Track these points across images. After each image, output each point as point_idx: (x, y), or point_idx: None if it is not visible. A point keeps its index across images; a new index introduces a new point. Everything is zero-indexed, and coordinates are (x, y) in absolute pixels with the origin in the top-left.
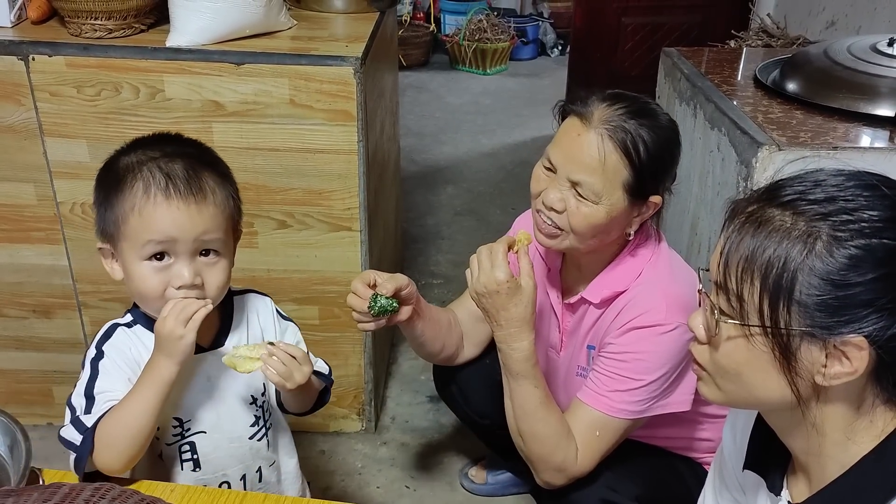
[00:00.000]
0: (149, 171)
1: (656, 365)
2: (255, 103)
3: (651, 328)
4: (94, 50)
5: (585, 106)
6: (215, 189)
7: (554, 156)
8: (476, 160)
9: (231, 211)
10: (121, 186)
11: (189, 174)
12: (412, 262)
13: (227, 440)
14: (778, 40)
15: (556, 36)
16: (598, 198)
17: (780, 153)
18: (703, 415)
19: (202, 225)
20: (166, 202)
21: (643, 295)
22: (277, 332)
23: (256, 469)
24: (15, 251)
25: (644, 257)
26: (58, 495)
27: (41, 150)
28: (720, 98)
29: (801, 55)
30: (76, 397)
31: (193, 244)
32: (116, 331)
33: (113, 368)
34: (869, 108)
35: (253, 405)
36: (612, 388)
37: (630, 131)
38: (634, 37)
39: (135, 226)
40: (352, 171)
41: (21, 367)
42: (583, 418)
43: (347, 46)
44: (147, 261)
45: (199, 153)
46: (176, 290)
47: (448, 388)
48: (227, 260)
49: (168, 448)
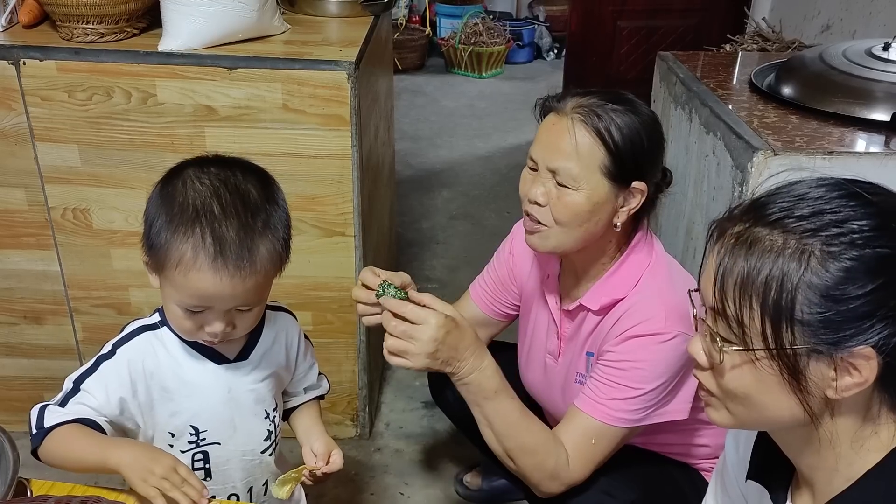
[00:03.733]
0: (201, 231)
1: (655, 374)
2: (248, 108)
3: (650, 336)
4: (85, 54)
5: (561, 100)
6: (265, 256)
7: (534, 151)
8: (471, 164)
9: (279, 265)
10: (171, 228)
11: (241, 243)
12: (407, 267)
13: (241, 452)
14: (773, 44)
15: (551, 39)
16: (576, 183)
17: (776, 158)
18: (701, 422)
19: (243, 296)
20: (212, 273)
21: (642, 303)
22: (300, 353)
23: (263, 482)
24: (5, 257)
25: (642, 263)
26: None
27: (32, 154)
28: (715, 102)
29: (796, 59)
30: (68, 380)
31: (231, 306)
32: (139, 336)
33: (111, 376)
34: (864, 113)
35: (267, 419)
36: (609, 396)
37: (602, 115)
38: (630, 40)
39: (177, 280)
40: (345, 177)
41: (11, 373)
42: (579, 426)
43: (341, 51)
44: (182, 308)
45: (257, 207)
46: (208, 335)
47: (444, 393)
48: (263, 304)
49: (182, 455)
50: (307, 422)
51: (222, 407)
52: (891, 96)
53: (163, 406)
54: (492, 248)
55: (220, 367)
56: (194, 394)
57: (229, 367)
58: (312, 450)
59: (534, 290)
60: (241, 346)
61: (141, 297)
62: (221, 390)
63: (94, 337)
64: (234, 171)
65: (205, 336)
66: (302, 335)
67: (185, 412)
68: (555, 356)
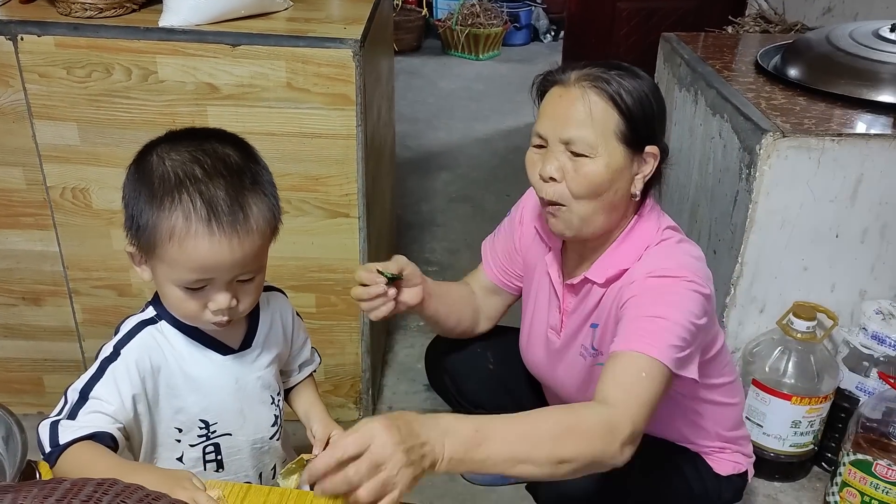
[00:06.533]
0: (189, 197)
1: (681, 308)
2: (252, 86)
3: (669, 277)
4: (84, 30)
5: (561, 73)
6: (259, 214)
7: (541, 127)
8: (470, 146)
9: (273, 225)
10: (156, 203)
11: (232, 201)
12: (407, 250)
13: (251, 441)
14: (776, 26)
15: (548, 21)
16: (593, 150)
17: (785, 140)
18: (704, 400)
19: (244, 258)
20: (208, 237)
21: (654, 255)
22: (295, 330)
23: (272, 467)
24: (3, 237)
25: (649, 232)
26: (59, 491)
27: (30, 132)
28: (722, 84)
29: (802, 41)
30: (72, 391)
31: (233, 275)
32: (140, 333)
33: (121, 377)
34: (872, 95)
35: (273, 405)
36: (646, 328)
37: (611, 81)
38: (630, 22)
39: (173, 255)
40: (350, 157)
41: (10, 355)
42: (621, 365)
43: (346, 28)
44: (182, 287)
45: (241, 166)
46: (212, 314)
47: (440, 379)
48: (262, 273)
49: (191, 449)
50: (306, 403)
51: (231, 398)
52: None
53: (167, 402)
54: (491, 230)
55: (227, 359)
56: (201, 389)
57: (235, 358)
58: (312, 433)
59: (535, 263)
60: (244, 335)
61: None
62: (229, 382)
63: (94, 318)
64: (207, 139)
65: (210, 317)
66: (294, 311)
67: (192, 407)
68: (556, 330)
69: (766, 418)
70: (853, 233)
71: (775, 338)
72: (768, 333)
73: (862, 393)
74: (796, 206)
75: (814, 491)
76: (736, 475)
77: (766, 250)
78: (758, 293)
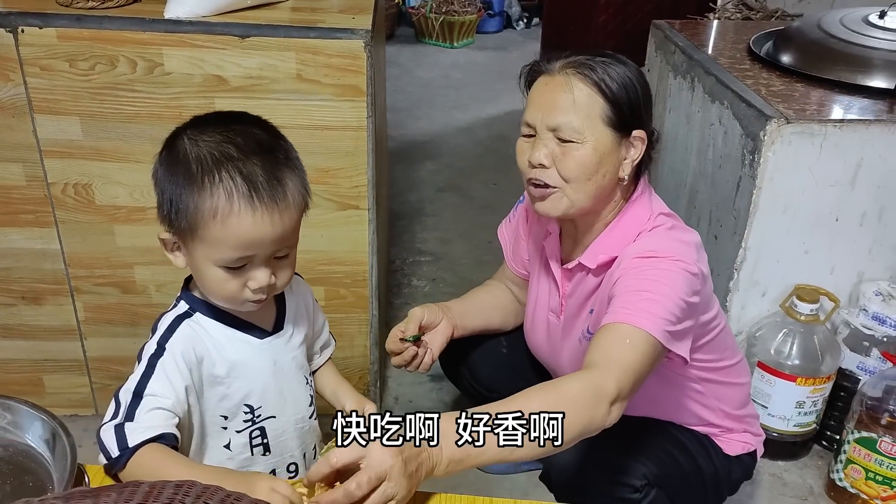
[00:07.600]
0: (229, 175)
1: (670, 284)
2: (261, 78)
3: (658, 258)
4: (87, 21)
5: (547, 63)
6: (294, 188)
7: (529, 116)
8: (452, 135)
9: (305, 199)
10: (195, 185)
11: (269, 177)
12: (398, 240)
13: (294, 421)
14: (757, 13)
15: (520, 8)
16: (580, 135)
17: (789, 126)
18: (711, 381)
19: (283, 232)
20: (251, 213)
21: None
22: (316, 311)
23: (313, 447)
24: (2, 235)
25: (641, 217)
26: (138, 494)
27: (31, 127)
28: (720, 71)
29: (793, 28)
30: (124, 392)
31: (273, 250)
32: (180, 326)
33: (171, 370)
34: (867, 81)
35: (307, 385)
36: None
37: (595, 67)
38: (608, 10)
39: (216, 234)
40: (360, 149)
41: (10, 356)
42: (608, 335)
43: (354, 18)
44: (224, 267)
45: (272, 144)
46: (252, 293)
47: (455, 365)
48: (295, 249)
49: (238, 435)
50: (332, 383)
51: (271, 380)
52: (890, 64)
53: (211, 390)
54: (483, 220)
55: (264, 342)
56: (243, 374)
57: (272, 340)
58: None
59: (536, 249)
60: (275, 316)
61: (146, 274)
62: (268, 364)
63: (97, 317)
64: (234, 121)
65: (249, 296)
66: (312, 292)
67: (236, 393)
68: (557, 314)
69: (772, 399)
70: (852, 216)
71: (778, 320)
72: (771, 316)
73: (863, 372)
74: (798, 190)
75: (816, 469)
76: (746, 454)
77: (768, 235)
78: (760, 277)
